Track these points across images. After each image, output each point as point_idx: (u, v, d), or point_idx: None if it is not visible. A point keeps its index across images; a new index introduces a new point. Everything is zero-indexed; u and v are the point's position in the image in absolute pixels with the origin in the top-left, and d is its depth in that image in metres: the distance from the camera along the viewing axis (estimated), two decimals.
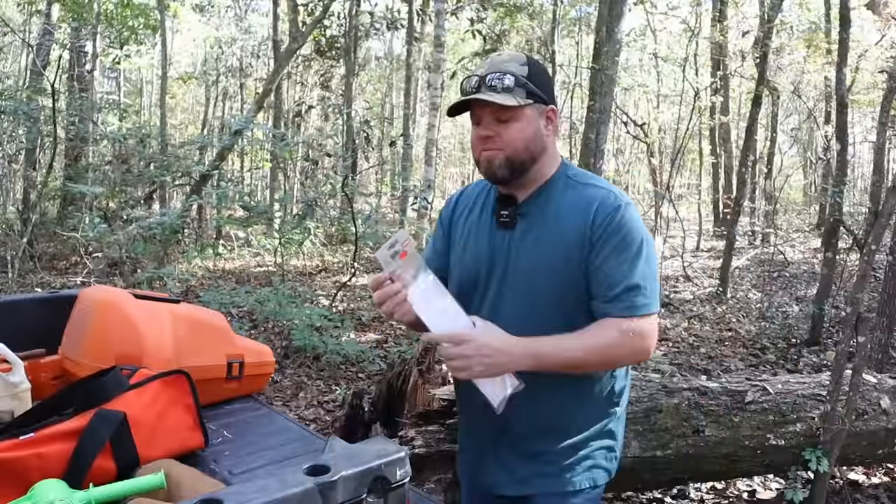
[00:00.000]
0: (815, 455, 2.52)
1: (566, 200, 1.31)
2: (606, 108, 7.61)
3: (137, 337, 1.40)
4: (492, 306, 1.32)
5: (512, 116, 1.26)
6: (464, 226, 1.42)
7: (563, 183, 1.33)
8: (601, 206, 1.27)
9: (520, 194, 1.33)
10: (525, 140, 1.27)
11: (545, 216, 1.31)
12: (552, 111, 1.32)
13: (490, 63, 1.29)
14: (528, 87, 1.27)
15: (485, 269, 1.34)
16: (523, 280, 1.30)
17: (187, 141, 10.24)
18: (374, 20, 11.64)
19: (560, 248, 1.27)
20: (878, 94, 10.03)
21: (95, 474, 1.10)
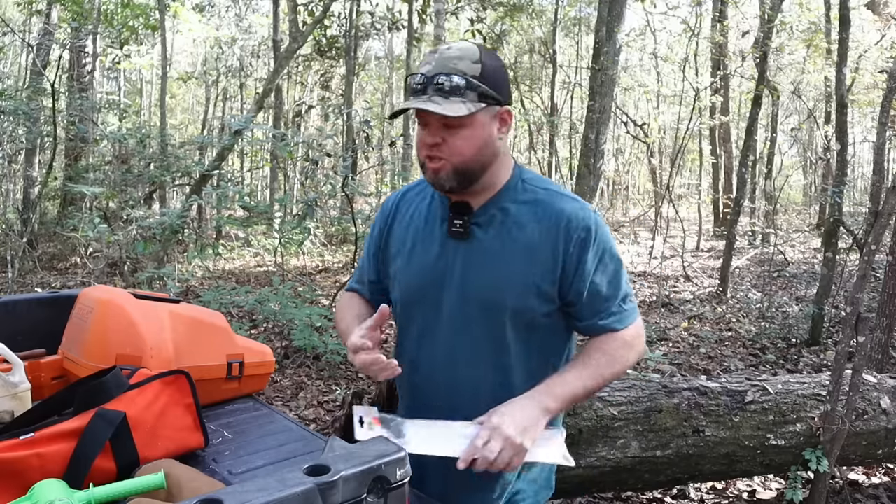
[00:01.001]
0: (815, 455, 2.52)
1: (526, 208, 1.21)
2: (606, 108, 7.61)
3: (137, 337, 1.40)
4: (446, 319, 1.24)
5: (461, 124, 1.13)
6: (406, 232, 1.30)
7: (519, 189, 1.23)
8: (573, 222, 1.18)
9: (474, 202, 1.22)
10: (474, 148, 1.15)
11: (505, 227, 1.21)
12: (507, 112, 1.20)
13: (438, 59, 1.14)
14: (481, 89, 1.13)
15: (434, 285, 1.24)
16: (482, 293, 1.20)
17: (187, 141, 10.24)
18: (374, 20, 11.64)
19: (525, 262, 1.19)
20: (878, 94, 10.03)
21: (95, 474, 1.10)
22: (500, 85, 1.18)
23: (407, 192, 1.37)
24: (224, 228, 9.36)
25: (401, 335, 1.35)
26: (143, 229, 6.83)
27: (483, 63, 1.15)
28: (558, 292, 1.20)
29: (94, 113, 10.20)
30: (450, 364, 1.25)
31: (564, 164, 14.75)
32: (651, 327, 5.92)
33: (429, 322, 1.26)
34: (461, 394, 1.25)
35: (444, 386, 1.27)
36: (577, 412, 2.35)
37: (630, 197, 21.41)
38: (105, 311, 1.44)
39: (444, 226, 1.25)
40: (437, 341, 1.26)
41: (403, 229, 1.32)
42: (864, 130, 16.20)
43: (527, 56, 14.75)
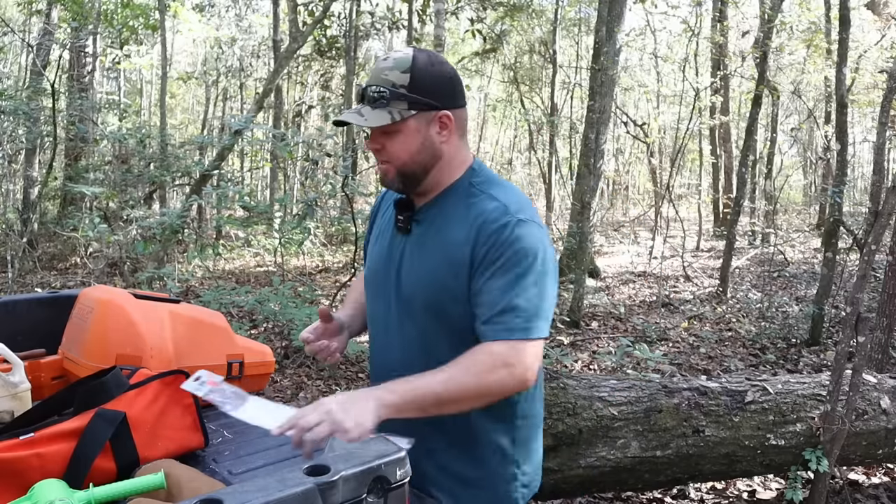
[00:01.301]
0: (815, 455, 2.52)
1: (458, 210, 1.24)
2: (606, 108, 7.61)
3: (137, 337, 1.41)
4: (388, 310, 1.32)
5: (394, 130, 1.21)
6: (380, 225, 1.43)
7: (463, 191, 1.27)
8: (487, 220, 1.19)
9: (418, 200, 1.31)
10: (410, 153, 1.22)
11: (434, 225, 1.26)
12: (446, 116, 1.23)
13: (374, 70, 1.23)
14: (410, 98, 1.19)
15: (383, 273, 1.34)
16: (413, 287, 1.27)
17: (187, 141, 10.24)
18: (374, 20, 11.64)
19: (443, 260, 1.22)
20: (878, 94, 10.03)
21: (95, 474, 1.10)
22: (435, 91, 1.22)
23: (386, 192, 1.47)
24: (224, 228, 9.36)
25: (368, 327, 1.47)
26: (143, 229, 6.83)
27: (413, 72, 1.20)
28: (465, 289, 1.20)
29: (94, 113, 10.20)
30: (388, 350, 1.34)
31: (564, 164, 14.74)
32: (651, 327, 5.92)
33: (379, 309, 1.36)
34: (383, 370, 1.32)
35: (383, 369, 1.34)
36: (577, 412, 2.35)
37: (630, 197, 21.41)
38: (105, 311, 1.44)
39: (393, 221, 1.36)
40: (382, 328, 1.36)
41: (379, 223, 1.44)
42: (864, 130, 16.19)
43: (527, 56, 14.74)
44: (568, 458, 2.32)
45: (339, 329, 1.40)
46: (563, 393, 2.37)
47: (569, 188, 12.76)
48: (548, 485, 2.35)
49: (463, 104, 1.28)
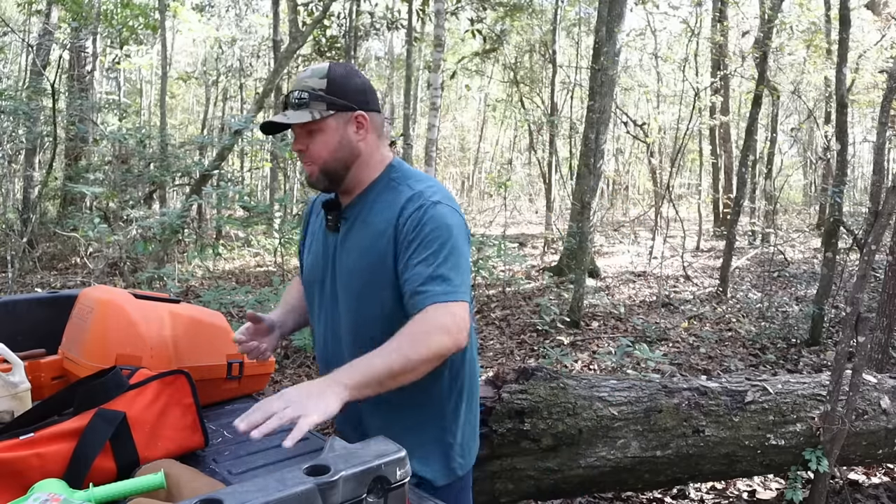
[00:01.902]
0: (815, 455, 2.52)
1: (380, 202, 1.35)
2: (606, 108, 7.62)
3: (138, 337, 1.41)
4: (330, 307, 1.41)
5: (315, 129, 1.33)
6: (313, 226, 1.52)
7: (383, 185, 1.38)
8: (406, 205, 1.30)
9: (343, 199, 1.41)
10: (330, 150, 1.34)
11: (361, 218, 1.37)
12: (361, 116, 1.36)
13: (296, 80, 1.37)
14: (328, 99, 1.32)
15: (320, 272, 1.43)
16: (347, 280, 1.36)
17: (187, 141, 10.24)
18: (374, 20, 11.64)
19: (374, 248, 1.32)
20: (878, 94, 10.04)
21: (95, 474, 1.10)
22: (350, 94, 1.35)
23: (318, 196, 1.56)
24: (224, 228, 9.36)
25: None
26: (143, 229, 6.83)
27: (330, 77, 1.34)
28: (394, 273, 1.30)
29: (94, 113, 10.20)
30: (328, 339, 1.43)
31: (564, 164, 14.74)
32: (651, 327, 5.92)
33: (317, 305, 1.45)
34: (334, 361, 1.36)
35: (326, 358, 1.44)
36: (577, 412, 2.36)
37: (630, 197, 21.41)
38: (105, 311, 1.44)
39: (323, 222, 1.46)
40: (324, 325, 1.44)
41: (312, 224, 1.53)
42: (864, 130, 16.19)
43: (527, 56, 14.74)
44: (568, 458, 2.32)
45: (270, 329, 1.50)
46: (563, 393, 2.37)
47: (569, 188, 12.76)
48: (548, 485, 2.35)
49: (377, 109, 1.41)
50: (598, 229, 13.26)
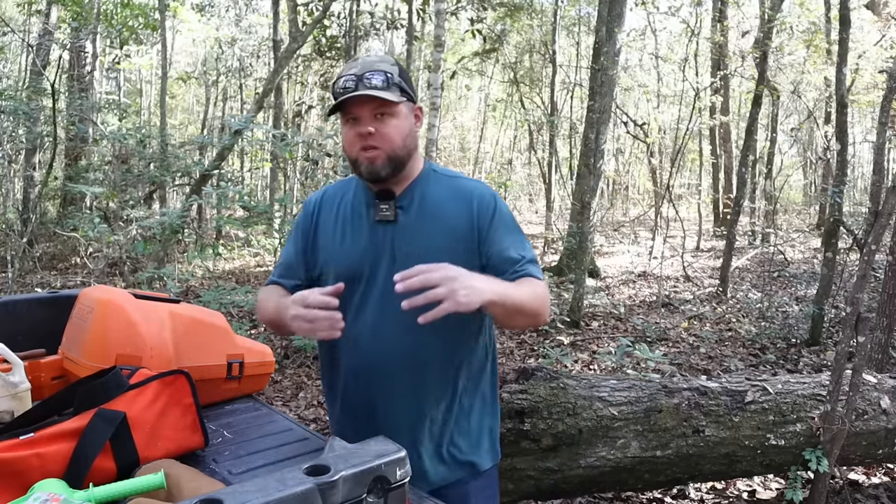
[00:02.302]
0: (815, 455, 2.52)
1: (441, 191, 1.39)
2: (606, 108, 7.62)
3: (138, 337, 1.40)
4: (381, 297, 1.35)
5: (391, 112, 1.31)
6: (335, 224, 1.44)
7: (432, 177, 1.42)
8: (480, 196, 1.38)
9: (396, 189, 1.38)
10: (402, 136, 1.33)
11: (425, 206, 1.38)
12: (419, 109, 1.40)
13: (363, 63, 1.33)
14: (401, 85, 1.33)
15: (368, 265, 1.37)
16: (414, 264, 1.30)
17: (187, 141, 10.24)
18: (374, 20, 11.64)
19: (446, 232, 1.35)
20: (878, 94, 10.03)
21: (95, 474, 1.10)
22: (412, 86, 1.39)
23: (328, 191, 1.52)
24: (224, 228, 9.36)
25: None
26: (143, 229, 6.82)
27: (399, 66, 1.36)
28: (478, 258, 1.35)
29: (94, 113, 10.20)
30: (384, 332, 1.37)
31: (564, 164, 14.74)
32: (651, 327, 5.92)
33: (364, 300, 1.38)
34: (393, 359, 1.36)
35: (379, 353, 1.37)
36: (577, 412, 2.35)
37: (630, 197, 21.41)
38: (105, 311, 1.44)
39: (370, 213, 1.40)
40: (370, 313, 1.37)
41: (332, 221, 1.45)
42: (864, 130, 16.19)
43: (527, 56, 14.74)
44: (568, 458, 2.32)
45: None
46: (563, 393, 2.37)
47: (569, 188, 12.76)
48: (548, 485, 2.35)
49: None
50: (598, 229, 13.25)
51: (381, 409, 1.38)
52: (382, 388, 1.37)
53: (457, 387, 1.39)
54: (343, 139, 1.37)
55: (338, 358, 1.43)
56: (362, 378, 1.39)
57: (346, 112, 1.32)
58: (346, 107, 1.31)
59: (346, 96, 1.29)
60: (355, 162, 1.34)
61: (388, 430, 1.34)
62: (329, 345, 1.43)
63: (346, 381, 1.43)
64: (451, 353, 1.38)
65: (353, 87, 1.29)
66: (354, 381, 1.41)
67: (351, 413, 1.45)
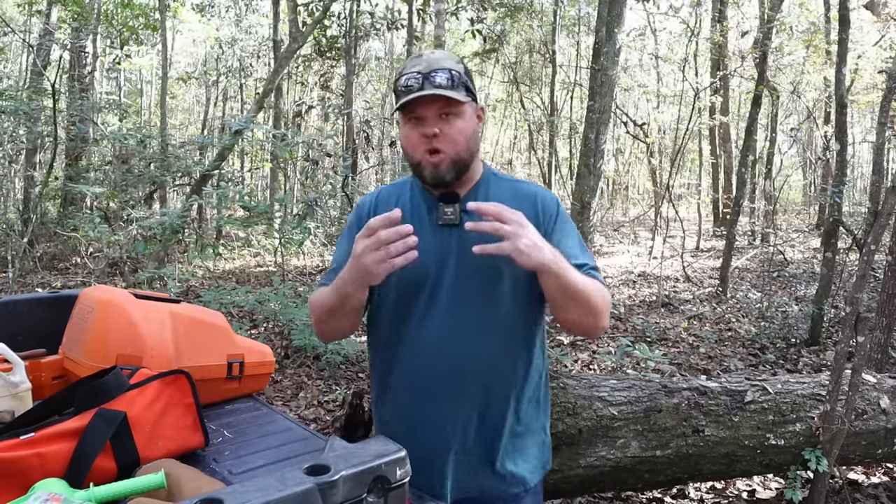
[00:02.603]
0: (815, 455, 2.52)
1: (503, 194, 1.34)
2: (606, 108, 7.62)
3: (138, 337, 1.40)
4: (448, 301, 1.31)
5: (456, 112, 1.26)
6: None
7: (492, 180, 1.39)
8: (543, 199, 1.36)
9: (460, 191, 1.34)
10: (466, 139, 1.28)
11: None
12: (482, 110, 1.36)
13: (427, 60, 1.27)
14: (467, 84, 1.29)
15: (433, 269, 1.31)
16: (481, 269, 1.29)
17: (187, 141, 10.24)
18: (374, 20, 11.64)
19: None
20: (877, 94, 10.04)
21: (96, 474, 1.10)
22: (474, 85, 1.34)
23: (381, 193, 1.46)
24: (224, 228, 9.36)
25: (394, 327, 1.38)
26: (144, 229, 6.83)
27: (463, 64, 1.31)
28: None
29: (95, 113, 10.20)
30: (452, 338, 1.32)
31: (564, 164, 14.75)
32: (651, 327, 5.92)
33: (429, 306, 1.33)
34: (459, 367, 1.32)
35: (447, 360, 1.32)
36: (577, 412, 2.36)
37: (630, 197, 21.41)
38: (105, 311, 1.44)
39: (431, 216, 1.34)
40: (440, 321, 1.32)
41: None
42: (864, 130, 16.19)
43: (527, 56, 14.75)
44: (568, 458, 2.33)
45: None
46: (563, 393, 2.37)
47: (569, 188, 12.76)
48: (548, 484, 2.35)
49: None
50: (598, 229, 13.26)
51: (441, 417, 1.33)
52: (444, 396, 1.32)
53: (519, 398, 1.36)
54: (404, 140, 1.31)
55: (398, 361, 1.38)
56: (424, 385, 1.34)
57: (409, 111, 1.27)
58: (409, 106, 1.26)
59: (412, 96, 1.24)
60: (418, 165, 1.29)
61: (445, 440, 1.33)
62: (388, 347, 1.39)
63: (406, 387, 1.38)
64: (514, 363, 1.35)
65: (419, 86, 1.24)
66: (415, 388, 1.36)
67: (408, 420, 1.39)
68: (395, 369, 1.40)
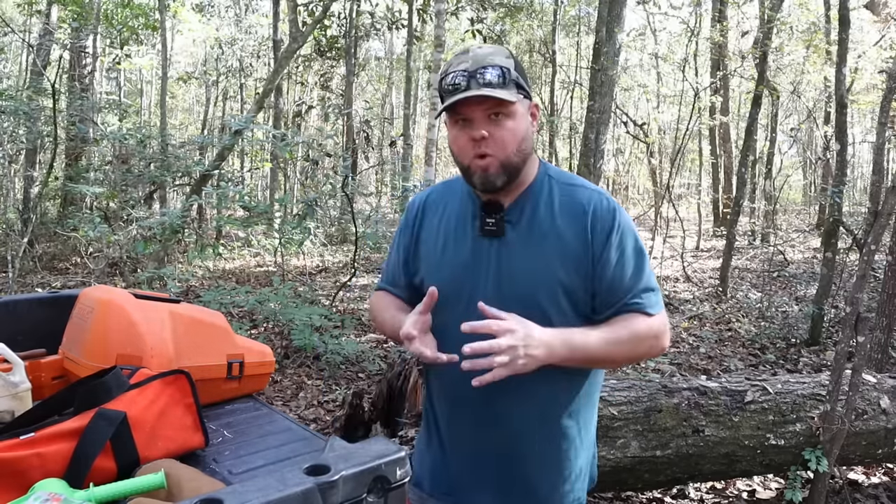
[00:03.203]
0: (815, 455, 2.52)
1: (555, 202, 1.24)
2: (606, 108, 7.62)
3: (138, 337, 1.40)
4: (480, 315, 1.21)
5: (507, 113, 1.16)
6: (437, 232, 1.32)
7: (546, 184, 1.27)
8: (597, 209, 1.22)
9: (505, 200, 1.25)
10: (518, 140, 1.19)
11: (536, 220, 1.24)
12: (536, 107, 1.27)
13: (474, 57, 1.17)
14: (518, 81, 1.18)
15: (470, 280, 1.24)
16: (518, 285, 1.21)
17: (187, 141, 10.24)
18: (374, 20, 11.64)
19: (557, 251, 1.21)
20: (877, 94, 10.04)
21: (96, 474, 1.10)
22: (527, 80, 1.23)
23: (431, 194, 1.39)
24: (224, 228, 9.36)
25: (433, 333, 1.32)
26: (144, 229, 6.83)
27: (513, 58, 1.20)
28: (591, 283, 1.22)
29: (95, 113, 10.20)
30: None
31: (564, 164, 14.75)
32: None
33: (463, 317, 1.21)
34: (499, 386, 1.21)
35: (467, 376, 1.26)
36: None
37: (630, 197, 21.41)
38: (105, 311, 1.44)
39: (475, 224, 1.26)
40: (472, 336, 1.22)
41: (434, 230, 1.33)
42: (864, 130, 16.19)
43: (527, 56, 14.75)
44: None
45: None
46: None
47: None
48: None
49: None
50: None
51: (483, 441, 1.27)
52: (485, 418, 1.25)
53: (562, 417, 1.27)
54: (452, 143, 1.22)
55: (434, 382, 1.33)
56: (459, 402, 1.28)
57: (456, 112, 1.18)
58: (455, 107, 1.16)
59: (458, 97, 1.14)
60: (467, 170, 1.20)
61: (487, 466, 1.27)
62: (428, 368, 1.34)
63: (444, 409, 1.33)
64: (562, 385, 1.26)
65: (465, 86, 1.14)
66: (452, 406, 1.31)
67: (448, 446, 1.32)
68: (433, 378, 1.37)
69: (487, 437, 1.27)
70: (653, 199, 12.80)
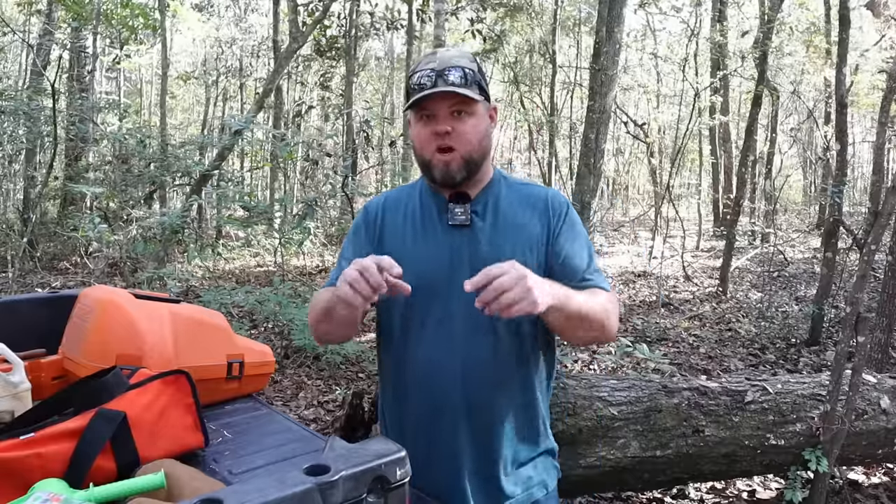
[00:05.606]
0: (815, 455, 2.52)
1: (513, 197, 1.35)
2: (606, 108, 7.61)
3: (138, 337, 1.40)
4: (460, 304, 1.25)
5: (469, 111, 1.25)
6: (403, 230, 1.34)
7: (503, 183, 1.37)
8: (554, 197, 1.35)
9: (470, 192, 1.32)
10: (479, 137, 1.27)
11: (500, 211, 1.32)
12: (494, 110, 1.35)
13: (441, 58, 1.26)
14: (480, 83, 1.27)
15: (445, 271, 1.28)
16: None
17: (187, 141, 10.24)
18: (374, 20, 11.64)
19: (522, 239, 1.30)
20: (877, 94, 10.04)
21: (96, 474, 1.10)
22: (487, 84, 1.32)
23: (388, 198, 1.43)
24: (224, 228, 9.37)
25: (405, 330, 1.34)
26: (144, 229, 6.83)
27: (476, 63, 1.30)
28: (546, 263, 1.31)
29: (94, 113, 10.20)
30: (466, 343, 1.29)
31: (564, 164, 14.75)
32: (651, 327, 5.92)
33: (442, 309, 1.29)
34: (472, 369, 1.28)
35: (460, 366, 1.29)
36: (577, 412, 2.36)
37: (630, 197, 21.42)
38: (105, 311, 1.44)
39: (443, 217, 1.32)
40: (452, 325, 1.29)
41: (399, 227, 1.36)
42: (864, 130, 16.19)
43: (527, 56, 14.75)
44: (568, 458, 2.32)
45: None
46: (563, 393, 2.37)
47: (569, 188, 12.76)
48: None
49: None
50: (598, 229, 13.25)
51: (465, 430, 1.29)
52: (465, 406, 1.28)
53: (536, 405, 1.34)
54: (415, 138, 1.29)
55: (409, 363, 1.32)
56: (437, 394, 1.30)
57: (421, 109, 1.26)
58: (421, 103, 1.25)
59: (424, 93, 1.22)
60: (428, 163, 1.27)
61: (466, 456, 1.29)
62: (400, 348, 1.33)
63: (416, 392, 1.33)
64: (532, 369, 1.33)
65: (432, 84, 1.23)
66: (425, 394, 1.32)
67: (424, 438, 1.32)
68: (406, 372, 1.35)
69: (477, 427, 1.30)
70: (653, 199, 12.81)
